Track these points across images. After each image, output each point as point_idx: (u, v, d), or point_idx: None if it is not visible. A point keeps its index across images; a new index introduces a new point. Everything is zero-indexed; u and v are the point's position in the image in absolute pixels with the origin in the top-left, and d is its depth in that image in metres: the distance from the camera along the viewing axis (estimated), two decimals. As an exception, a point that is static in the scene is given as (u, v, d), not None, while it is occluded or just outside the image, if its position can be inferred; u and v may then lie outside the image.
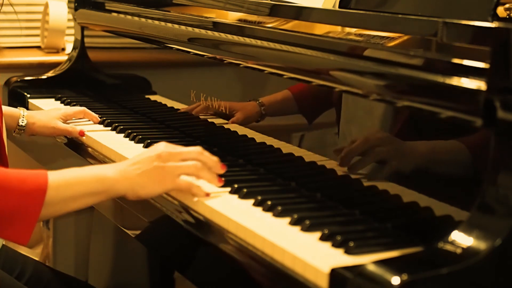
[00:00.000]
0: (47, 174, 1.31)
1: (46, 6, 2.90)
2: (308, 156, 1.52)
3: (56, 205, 1.32)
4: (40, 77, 2.48)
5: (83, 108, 2.02)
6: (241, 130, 1.71)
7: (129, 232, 1.71)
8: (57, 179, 1.32)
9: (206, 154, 1.43)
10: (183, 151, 1.41)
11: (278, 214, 1.33)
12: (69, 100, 2.28)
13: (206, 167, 1.42)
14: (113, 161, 1.75)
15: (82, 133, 1.91)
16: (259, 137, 1.66)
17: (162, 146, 1.41)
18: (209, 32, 1.79)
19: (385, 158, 1.34)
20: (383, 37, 1.38)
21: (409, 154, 1.30)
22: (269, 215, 1.34)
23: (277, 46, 1.55)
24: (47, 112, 2.00)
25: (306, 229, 1.27)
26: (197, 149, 1.43)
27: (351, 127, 1.42)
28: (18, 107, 1.96)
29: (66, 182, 1.33)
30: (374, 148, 1.36)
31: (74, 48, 2.54)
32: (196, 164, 1.40)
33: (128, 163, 1.39)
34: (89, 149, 1.88)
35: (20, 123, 1.91)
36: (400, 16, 1.34)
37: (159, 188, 1.39)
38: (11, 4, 2.13)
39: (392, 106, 1.32)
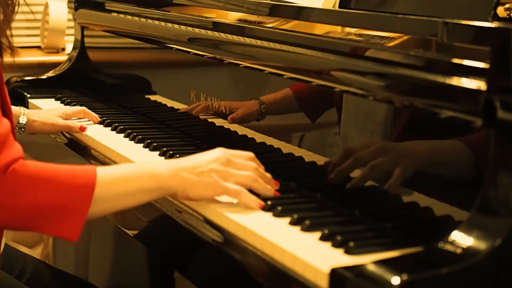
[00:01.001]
0: (96, 170, 1.29)
1: (46, 6, 2.90)
2: (308, 156, 1.52)
3: (107, 201, 1.29)
4: (40, 77, 2.48)
5: (83, 107, 2.02)
6: (241, 130, 1.71)
7: (129, 232, 1.71)
8: (107, 175, 1.29)
9: (261, 170, 1.41)
10: (241, 163, 1.39)
11: (278, 214, 1.33)
12: (69, 100, 2.28)
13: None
14: (113, 161, 1.75)
15: (83, 128, 1.91)
16: (259, 137, 1.66)
17: (221, 151, 1.39)
18: (209, 32, 1.79)
19: (393, 164, 1.32)
20: (383, 37, 1.38)
21: (410, 156, 1.30)
22: (269, 215, 1.34)
23: (277, 46, 1.55)
24: (47, 111, 2.00)
25: (306, 229, 1.27)
26: (253, 164, 1.40)
27: (352, 128, 1.42)
28: (19, 106, 1.96)
29: (117, 178, 1.31)
30: (384, 157, 1.34)
31: (74, 48, 2.54)
32: (251, 175, 1.37)
33: (183, 161, 1.37)
34: (89, 149, 1.88)
35: (21, 121, 1.91)
36: (400, 16, 1.34)
37: (210, 192, 1.36)
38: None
39: (393, 107, 1.32)
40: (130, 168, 1.35)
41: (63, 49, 2.91)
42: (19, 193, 1.23)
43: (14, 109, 1.93)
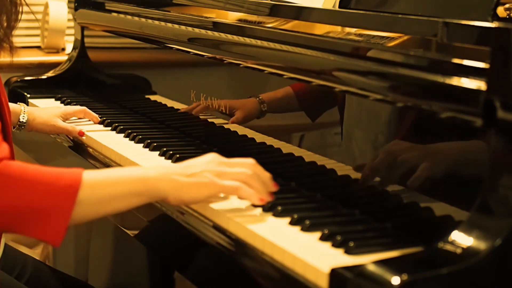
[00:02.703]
0: (82, 172, 1.25)
1: (46, 6, 2.90)
2: (308, 156, 1.52)
3: (93, 204, 1.25)
4: (40, 77, 2.48)
5: (84, 107, 2.02)
6: (241, 130, 1.71)
7: (129, 232, 1.70)
8: (93, 178, 1.25)
9: (260, 167, 1.35)
10: (236, 161, 1.35)
11: (278, 214, 1.33)
12: (69, 100, 2.28)
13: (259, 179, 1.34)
14: (113, 161, 1.76)
15: (81, 133, 1.91)
16: (259, 137, 1.66)
17: (213, 155, 1.35)
18: (209, 32, 1.79)
19: (408, 165, 1.30)
20: (383, 37, 1.38)
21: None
22: (269, 215, 1.34)
23: (277, 46, 1.55)
24: (48, 110, 2.00)
25: (306, 229, 1.27)
26: (250, 161, 1.35)
27: (355, 128, 1.42)
28: (18, 103, 1.96)
29: (104, 180, 1.27)
30: (398, 158, 1.32)
31: (74, 48, 2.54)
32: (246, 172, 1.32)
33: (174, 165, 1.34)
34: (89, 149, 1.88)
35: (21, 119, 1.91)
36: (400, 16, 1.34)
37: (205, 191, 1.31)
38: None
39: (393, 107, 1.32)
40: (118, 172, 1.32)
41: (63, 49, 2.91)
42: (1, 193, 1.21)
43: (15, 106, 1.93)
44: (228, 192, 1.33)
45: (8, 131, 1.44)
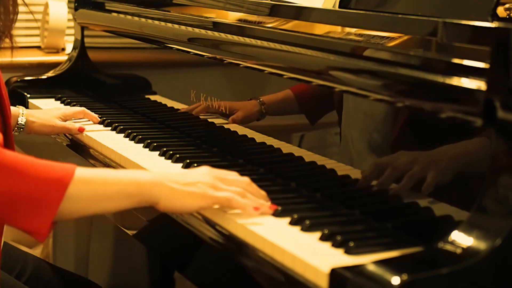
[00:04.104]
0: (76, 167, 1.24)
1: (46, 6, 2.90)
2: (308, 156, 1.52)
3: (82, 201, 1.24)
4: (40, 77, 2.48)
5: (83, 108, 2.02)
6: (241, 130, 1.71)
7: (128, 231, 1.71)
8: (86, 174, 1.24)
9: (254, 186, 1.35)
10: (232, 178, 1.34)
11: (278, 214, 1.33)
12: (69, 100, 2.28)
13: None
14: (113, 161, 1.75)
15: (81, 129, 1.91)
16: (259, 137, 1.66)
17: (208, 168, 1.34)
18: (209, 32, 1.79)
19: (428, 171, 1.29)
20: (383, 37, 1.38)
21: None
22: (269, 215, 1.34)
23: (277, 46, 1.55)
24: (46, 111, 2.00)
25: (306, 229, 1.27)
26: (245, 179, 1.34)
27: (353, 129, 1.42)
28: (17, 106, 1.96)
29: (97, 178, 1.25)
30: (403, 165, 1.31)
31: (74, 48, 2.54)
32: (239, 191, 1.31)
33: (169, 173, 1.32)
34: (89, 149, 1.88)
35: (20, 122, 1.90)
36: (400, 16, 1.34)
37: (199, 202, 1.29)
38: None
39: (393, 107, 1.32)
40: (112, 172, 1.31)
41: (63, 49, 2.91)
42: None
43: (13, 109, 1.93)
44: (221, 203, 1.31)
45: (8, 125, 1.44)
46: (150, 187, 1.27)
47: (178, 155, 1.67)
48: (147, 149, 1.77)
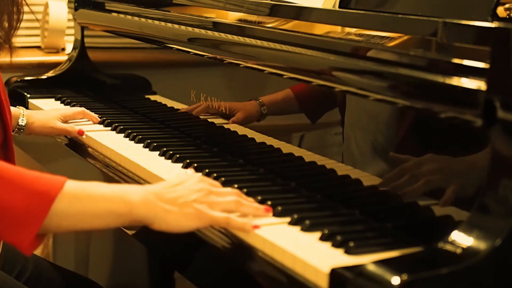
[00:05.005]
0: (66, 181, 1.20)
1: (46, 6, 2.90)
2: (308, 156, 1.52)
3: (69, 217, 1.19)
4: (40, 77, 2.48)
5: (83, 108, 2.02)
6: (241, 130, 1.71)
7: (128, 232, 1.70)
8: (75, 189, 1.20)
9: (244, 196, 1.33)
10: (222, 190, 1.30)
11: (278, 214, 1.33)
12: (69, 100, 2.28)
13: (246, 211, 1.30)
14: (113, 161, 1.76)
15: (81, 132, 1.91)
16: (259, 137, 1.66)
17: (200, 179, 1.29)
18: (209, 32, 1.79)
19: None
20: (383, 37, 1.38)
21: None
22: (269, 215, 1.34)
23: (277, 46, 1.55)
24: (46, 112, 2.00)
25: (306, 229, 1.27)
26: (235, 191, 1.32)
27: (355, 129, 1.42)
28: (17, 106, 1.96)
29: (86, 194, 1.21)
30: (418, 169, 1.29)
31: (74, 48, 2.54)
32: (235, 200, 1.29)
33: (162, 191, 1.25)
34: (89, 149, 1.88)
35: (20, 123, 1.90)
36: (400, 16, 1.34)
37: (196, 222, 1.25)
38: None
39: (394, 108, 1.32)
40: (103, 188, 1.24)
41: (63, 49, 2.91)
42: None
43: (13, 109, 1.93)
44: (219, 223, 1.27)
45: (8, 127, 1.44)
46: (142, 208, 1.22)
47: (178, 155, 1.67)
48: (147, 149, 1.77)
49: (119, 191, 1.24)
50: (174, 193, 1.25)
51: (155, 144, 1.76)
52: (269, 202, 1.36)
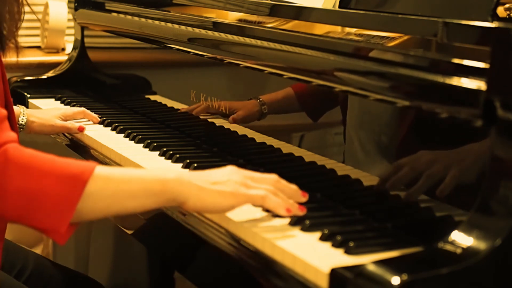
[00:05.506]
0: (96, 165, 1.19)
1: (46, 6, 2.90)
2: (308, 156, 1.52)
3: (103, 199, 1.18)
4: (40, 77, 2.48)
5: (83, 108, 2.02)
6: (241, 130, 1.71)
7: (128, 231, 1.71)
8: (107, 171, 1.19)
9: (283, 182, 1.30)
10: (260, 176, 1.28)
11: (278, 214, 1.33)
12: (69, 100, 2.28)
13: (285, 195, 1.28)
14: (113, 161, 1.76)
15: (81, 129, 1.91)
16: (259, 137, 1.66)
17: (234, 167, 1.29)
18: (209, 32, 1.79)
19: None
20: (383, 37, 1.38)
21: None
22: (269, 215, 1.34)
23: (277, 46, 1.55)
24: (46, 111, 2.00)
25: (306, 229, 1.27)
26: (274, 176, 1.29)
27: (357, 128, 1.42)
28: (18, 105, 1.96)
29: (118, 175, 1.20)
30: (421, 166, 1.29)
31: (74, 48, 2.54)
32: (270, 188, 1.26)
33: (196, 172, 1.26)
34: (89, 149, 1.88)
35: (20, 122, 1.90)
36: (400, 16, 1.34)
37: (231, 201, 1.23)
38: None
39: (395, 109, 1.32)
40: (135, 170, 1.25)
41: (63, 49, 2.91)
42: (8, 175, 1.16)
43: (14, 109, 1.93)
44: (254, 201, 1.25)
45: (14, 125, 1.44)
46: (176, 185, 1.22)
47: (178, 155, 1.67)
48: (147, 149, 1.77)
49: (152, 170, 1.24)
50: (209, 174, 1.26)
51: (155, 144, 1.77)
52: (304, 196, 1.35)
